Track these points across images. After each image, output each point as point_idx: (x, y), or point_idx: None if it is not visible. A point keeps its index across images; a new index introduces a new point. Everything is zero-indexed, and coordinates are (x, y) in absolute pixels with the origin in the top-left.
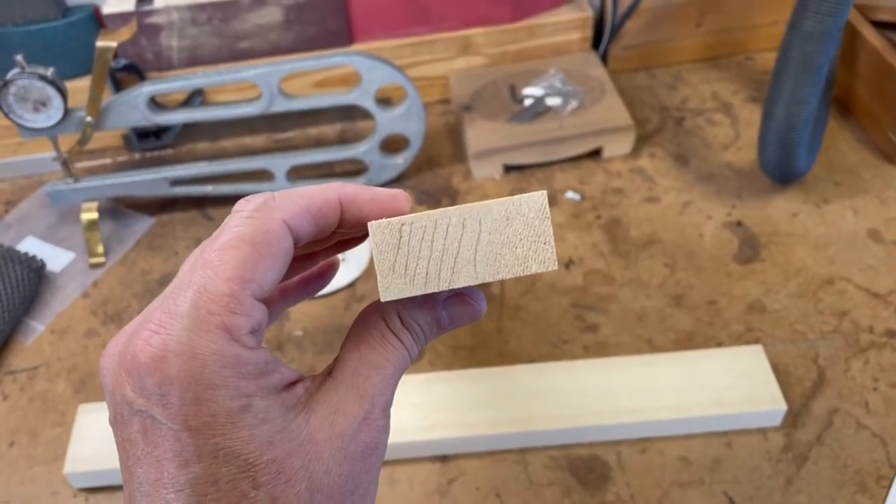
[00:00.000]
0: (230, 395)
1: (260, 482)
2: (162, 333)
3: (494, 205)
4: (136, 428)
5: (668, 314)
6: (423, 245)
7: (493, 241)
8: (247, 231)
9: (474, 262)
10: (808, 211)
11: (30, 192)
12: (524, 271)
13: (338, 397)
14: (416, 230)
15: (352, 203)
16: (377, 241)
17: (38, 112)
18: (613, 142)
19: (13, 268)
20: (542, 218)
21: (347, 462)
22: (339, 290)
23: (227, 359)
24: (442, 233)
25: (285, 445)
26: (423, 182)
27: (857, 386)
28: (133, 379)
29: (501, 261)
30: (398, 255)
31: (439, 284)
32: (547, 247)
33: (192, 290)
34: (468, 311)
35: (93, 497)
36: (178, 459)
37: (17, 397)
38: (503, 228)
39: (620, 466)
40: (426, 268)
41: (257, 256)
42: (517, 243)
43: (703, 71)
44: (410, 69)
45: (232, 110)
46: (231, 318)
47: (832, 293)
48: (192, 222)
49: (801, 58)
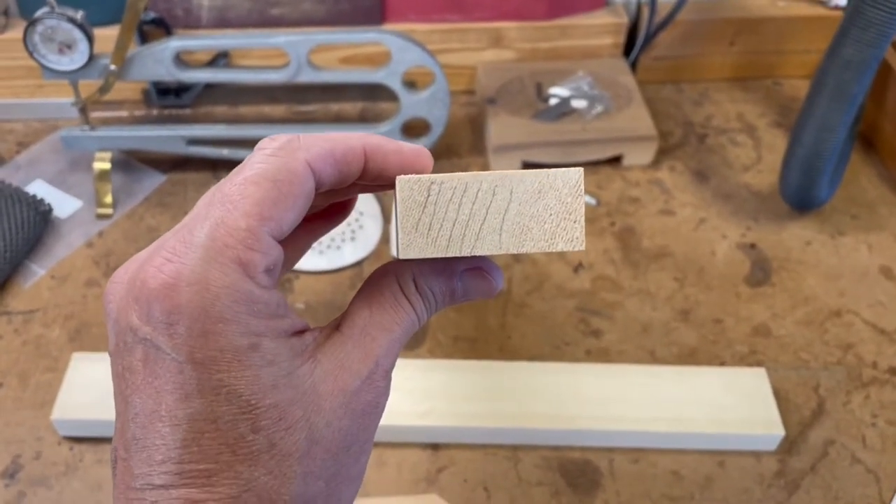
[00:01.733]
0: (239, 332)
1: (260, 426)
2: (175, 262)
3: (528, 175)
4: (138, 356)
5: (674, 328)
6: (450, 207)
7: (522, 213)
8: (269, 168)
9: (500, 231)
10: (822, 241)
11: (43, 135)
12: (550, 248)
13: (344, 353)
14: (446, 190)
15: (375, 152)
16: (404, 196)
17: (63, 54)
18: (635, 150)
19: (20, 208)
20: (576, 195)
21: (347, 417)
22: (345, 267)
23: (240, 294)
24: (471, 197)
25: (289, 391)
26: (440, 170)
27: (855, 420)
28: (140, 305)
29: (528, 233)
30: (423, 214)
31: (461, 249)
32: (577, 226)
33: (209, 221)
34: (484, 286)
35: (77, 446)
36: (179, 392)
37: (10, 339)
38: (534, 201)
39: (612, 474)
40: (450, 231)
41: (278, 194)
42: (546, 218)
43: (730, 90)
44: (439, 56)
45: (258, 75)
46: (247, 253)
47: (839, 325)
48: (204, 184)
49: (837, 85)
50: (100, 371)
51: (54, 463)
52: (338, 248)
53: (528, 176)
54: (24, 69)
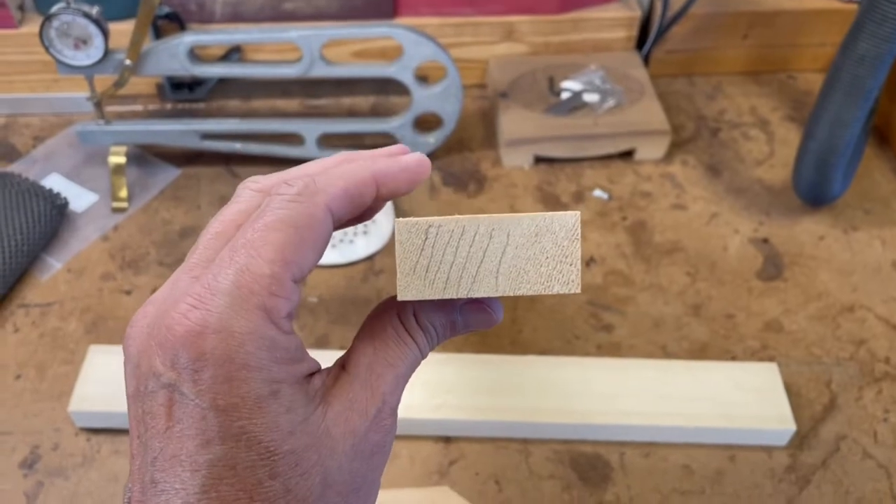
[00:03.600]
0: (262, 379)
1: (277, 472)
2: (201, 309)
3: (525, 219)
4: (160, 401)
5: (685, 323)
6: (447, 250)
7: (519, 256)
8: (290, 214)
9: (497, 274)
10: (835, 236)
11: (59, 129)
12: (546, 290)
13: (352, 393)
14: (443, 234)
15: (384, 177)
16: (402, 239)
17: (79, 49)
18: (647, 145)
19: (36, 202)
20: (573, 239)
21: (358, 459)
22: (358, 261)
23: (264, 341)
24: (468, 240)
25: (305, 437)
26: (451, 164)
27: (867, 415)
28: (165, 351)
29: (524, 276)
30: (421, 257)
31: (458, 292)
32: (573, 269)
33: (234, 268)
34: (484, 319)
35: (94, 437)
36: (201, 438)
37: (27, 331)
38: (531, 244)
39: (622, 467)
40: (447, 273)
41: (300, 240)
42: (543, 261)
43: (743, 84)
44: (451, 49)
45: (271, 69)
46: (271, 299)
47: (852, 320)
48: (217, 178)
49: (851, 80)
50: (116, 363)
51: (72, 454)
52: (350, 241)
53: (525, 219)
54: (40, 64)
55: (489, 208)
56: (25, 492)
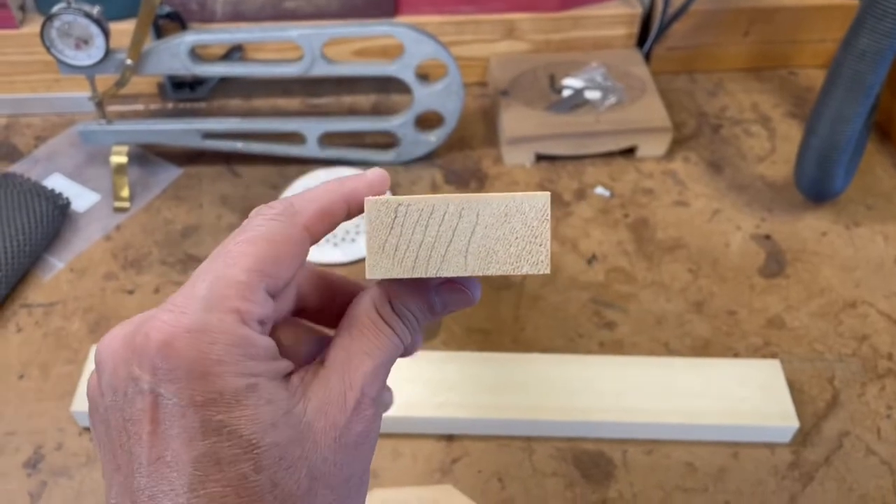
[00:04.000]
0: (237, 373)
1: (262, 465)
2: (176, 312)
3: (495, 199)
4: (139, 406)
5: (687, 320)
6: (416, 228)
7: (488, 236)
8: (269, 231)
9: (466, 253)
10: (837, 231)
11: (60, 129)
12: (515, 270)
13: (330, 386)
14: (412, 212)
15: (352, 195)
16: (371, 217)
17: (80, 49)
18: (648, 142)
19: (38, 202)
20: (542, 220)
21: (342, 452)
22: (360, 259)
23: (237, 338)
24: (437, 219)
25: (288, 430)
26: (452, 162)
27: (870, 411)
28: (142, 357)
29: (493, 256)
30: (390, 235)
31: (427, 271)
32: (542, 249)
33: (210, 276)
34: (461, 298)
35: None
36: (184, 437)
37: (30, 331)
38: (500, 224)
39: (625, 465)
40: (416, 252)
41: (276, 254)
42: (512, 241)
43: (744, 81)
44: (451, 47)
45: (272, 68)
46: (243, 303)
47: (854, 316)
48: (219, 177)
49: (852, 76)
50: None
51: (75, 454)
52: (352, 240)
53: (494, 199)
54: (41, 64)
55: None
56: (30, 491)
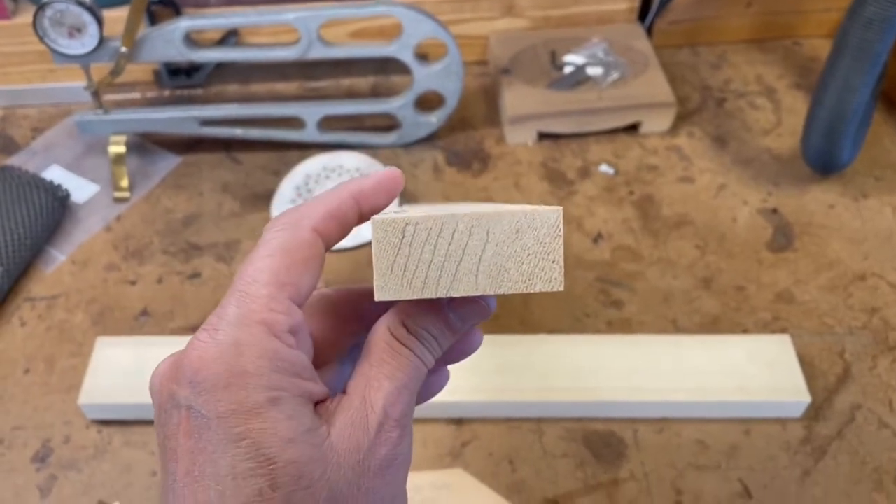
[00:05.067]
0: (260, 385)
1: (278, 483)
2: (210, 330)
3: (506, 215)
4: (175, 421)
5: (695, 296)
6: (425, 248)
7: (500, 254)
8: (280, 241)
9: (476, 272)
10: (845, 204)
11: (57, 120)
12: (528, 288)
13: (353, 410)
14: (420, 232)
15: (361, 195)
16: (378, 237)
17: (73, 38)
18: (652, 117)
19: (38, 195)
20: (555, 236)
21: (366, 476)
22: (365, 244)
23: (265, 350)
24: (447, 237)
25: (308, 449)
26: (454, 143)
27: (882, 384)
28: (180, 375)
29: (505, 274)
30: (398, 256)
31: (437, 291)
32: (555, 266)
33: (235, 295)
34: (477, 310)
35: (105, 429)
36: (209, 449)
37: (34, 325)
38: (511, 241)
39: (636, 444)
40: (426, 272)
41: (290, 262)
42: (524, 258)
43: (748, 52)
44: (450, 26)
45: (269, 52)
46: (270, 314)
47: (864, 289)
48: (218, 164)
49: (859, 45)
50: (124, 355)
51: (83, 446)
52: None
53: (505, 216)
54: (36, 54)
55: (494, 187)
56: (38, 485)
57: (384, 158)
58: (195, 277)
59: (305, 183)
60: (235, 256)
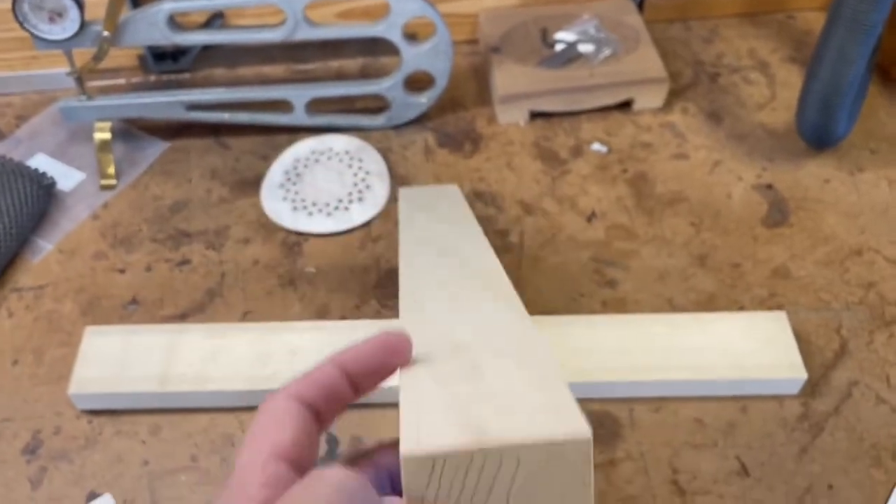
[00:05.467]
0: None
1: None
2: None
3: (536, 445)
4: None
5: (691, 274)
6: (455, 480)
7: (529, 481)
8: (258, 417)
9: (507, 499)
10: (841, 178)
11: (41, 107)
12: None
13: None
14: (450, 466)
15: (350, 362)
16: (408, 471)
17: (54, 23)
18: (645, 94)
19: (23, 183)
20: (585, 462)
21: None
22: (354, 228)
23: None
24: (477, 468)
25: None
26: (445, 124)
27: (879, 359)
28: None
29: (535, 501)
30: (427, 490)
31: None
32: (587, 489)
33: (228, 489)
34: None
35: (96, 419)
36: None
37: (22, 315)
38: (541, 469)
39: (632, 424)
40: (457, 500)
41: (260, 429)
42: (555, 485)
43: (741, 26)
44: (438, 4)
45: (254, 34)
46: (257, 490)
47: (860, 264)
48: (207, 150)
49: (853, 15)
50: (113, 344)
51: (74, 437)
52: (346, 209)
53: (535, 446)
54: (17, 41)
55: (486, 167)
56: (29, 477)
57: (374, 141)
58: (184, 264)
59: (294, 167)
60: (225, 243)
